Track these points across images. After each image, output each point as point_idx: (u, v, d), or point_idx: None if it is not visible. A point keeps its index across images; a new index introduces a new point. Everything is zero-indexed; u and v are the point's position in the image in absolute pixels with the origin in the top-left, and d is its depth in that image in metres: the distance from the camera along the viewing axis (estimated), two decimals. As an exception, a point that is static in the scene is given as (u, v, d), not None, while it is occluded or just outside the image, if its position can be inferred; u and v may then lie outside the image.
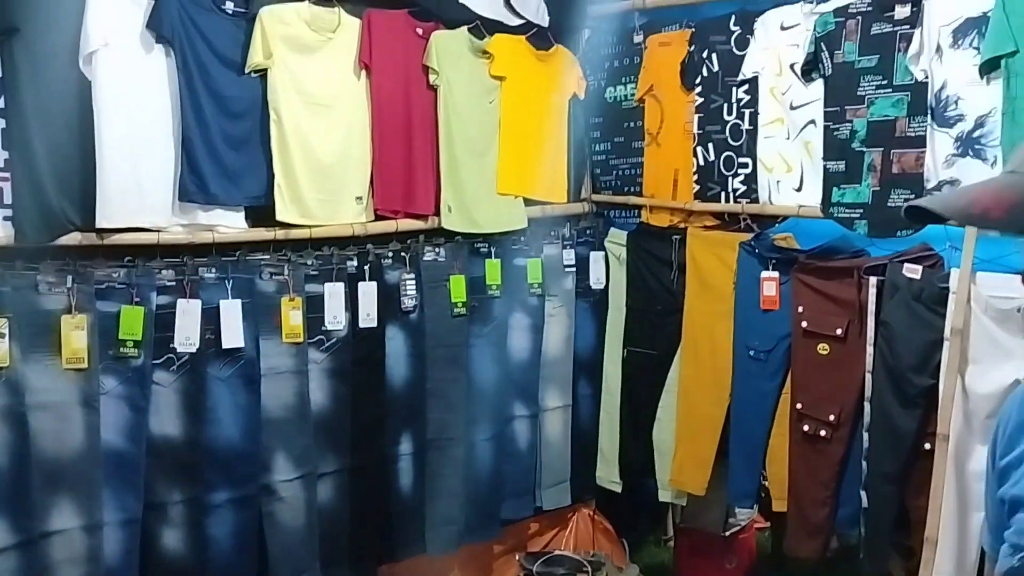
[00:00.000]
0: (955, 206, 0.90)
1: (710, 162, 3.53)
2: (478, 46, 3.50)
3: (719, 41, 3.44)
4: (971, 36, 2.76)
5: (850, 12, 3.02)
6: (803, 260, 3.18)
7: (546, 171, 3.81)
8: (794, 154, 3.27)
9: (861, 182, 3.04)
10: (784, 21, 3.24)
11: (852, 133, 3.05)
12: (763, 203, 3.37)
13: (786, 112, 3.27)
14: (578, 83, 3.84)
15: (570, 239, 3.90)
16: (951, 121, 2.83)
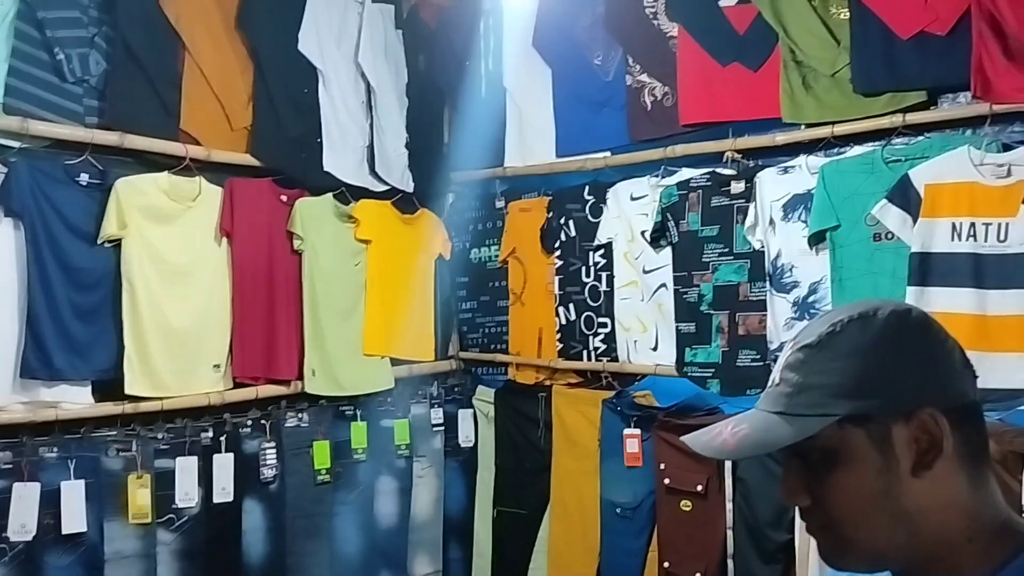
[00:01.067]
0: (703, 440, 1.00)
1: (572, 321, 3.64)
2: (343, 211, 3.55)
3: (575, 209, 3.63)
4: (799, 210, 3.02)
5: (691, 186, 3.27)
6: (662, 418, 3.27)
7: (413, 330, 3.83)
8: (649, 315, 3.43)
9: (711, 343, 3.21)
10: (633, 192, 3.46)
11: (700, 297, 3.24)
12: (622, 362, 3.49)
13: (640, 275, 3.45)
14: (444, 245, 3.94)
15: (438, 398, 3.89)
16: (787, 287, 3.05)
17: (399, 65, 3.82)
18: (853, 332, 0.92)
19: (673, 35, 3.30)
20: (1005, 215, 2.54)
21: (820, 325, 0.95)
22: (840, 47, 2.89)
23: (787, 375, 0.94)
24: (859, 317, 0.93)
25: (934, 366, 0.92)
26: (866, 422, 0.90)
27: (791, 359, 0.95)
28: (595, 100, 3.55)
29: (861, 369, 0.90)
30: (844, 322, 0.93)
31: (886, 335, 0.92)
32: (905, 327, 0.93)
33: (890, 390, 0.90)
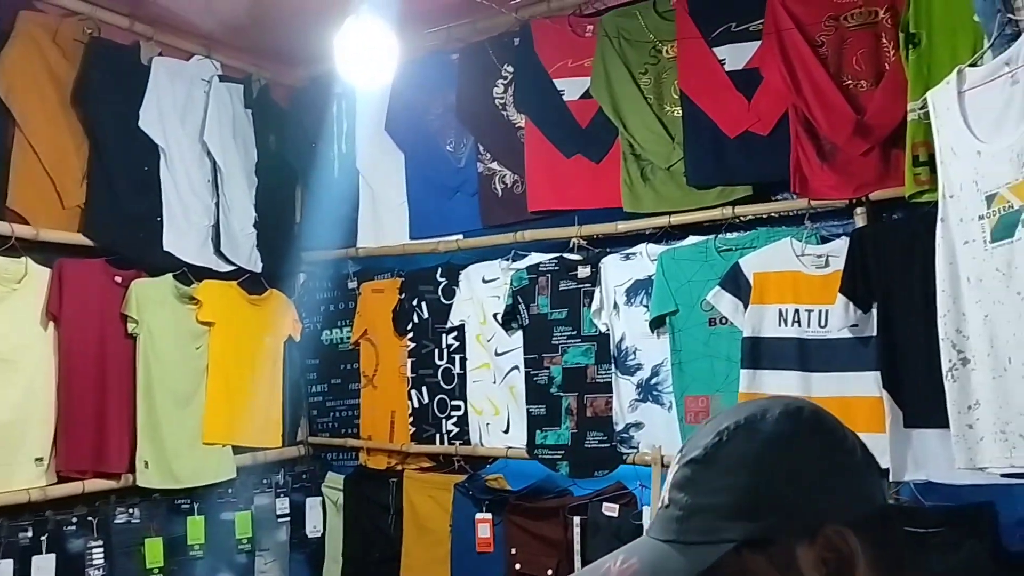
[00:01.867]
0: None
1: (424, 404, 3.61)
2: (184, 292, 3.41)
3: (428, 290, 3.63)
4: (641, 295, 3.14)
5: (541, 270, 3.35)
6: (513, 501, 3.27)
7: (259, 416, 3.68)
8: (501, 398, 3.44)
9: (560, 425, 3.24)
10: (485, 275, 3.51)
11: (550, 379, 3.28)
12: (475, 445, 3.48)
13: (492, 358, 3.47)
14: (293, 326, 3.84)
15: (284, 486, 3.73)
16: (632, 369, 3.14)
17: (248, 144, 3.77)
18: (740, 441, 0.82)
19: (521, 126, 3.41)
20: (825, 303, 2.73)
21: (706, 435, 0.85)
22: (675, 142, 3.07)
23: (676, 495, 0.84)
24: (745, 423, 0.83)
25: (834, 473, 0.82)
26: (766, 546, 0.79)
27: (678, 476, 0.84)
28: (448, 185, 3.60)
29: (753, 485, 0.80)
30: (730, 430, 0.83)
31: (776, 442, 0.82)
32: (797, 430, 0.83)
33: (787, 507, 0.79)
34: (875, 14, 2.74)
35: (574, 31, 3.32)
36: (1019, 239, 1.83)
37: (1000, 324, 1.90)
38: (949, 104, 2.04)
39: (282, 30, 3.58)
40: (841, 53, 2.78)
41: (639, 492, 3.07)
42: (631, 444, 3.12)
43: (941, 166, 2.08)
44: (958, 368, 2.03)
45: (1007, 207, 1.87)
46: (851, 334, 2.66)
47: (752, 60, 2.95)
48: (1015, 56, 1.86)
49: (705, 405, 2.97)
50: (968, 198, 1.98)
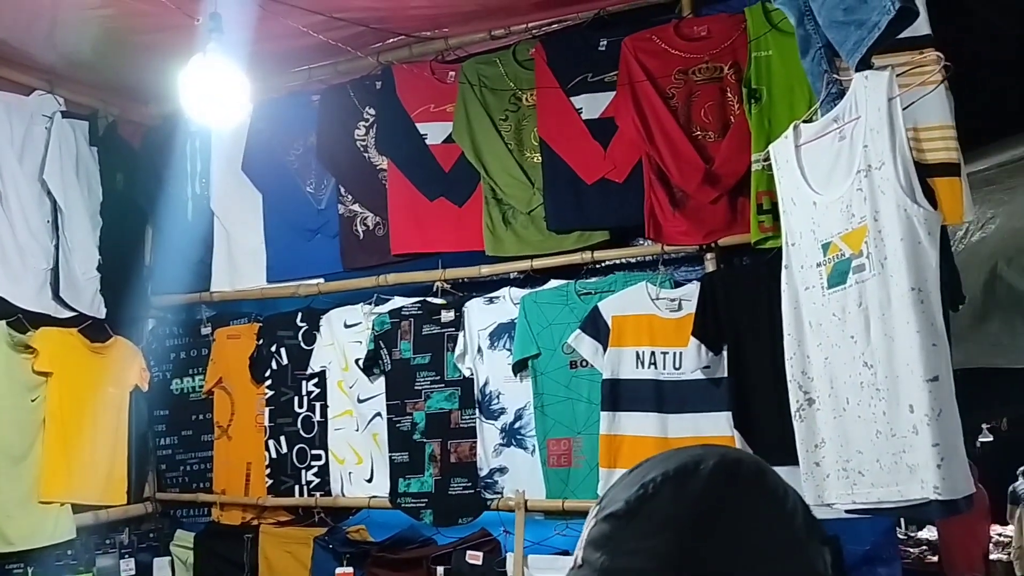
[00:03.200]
0: None
1: (283, 455, 3.47)
2: (19, 340, 3.17)
3: (287, 336, 3.52)
4: (504, 339, 3.14)
5: (403, 314, 3.30)
6: (375, 553, 3.17)
7: (101, 471, 3.44)
8: (364, 445, 3.35)
9: (424, 472, 3.18)
10: (347, 319, 3.43)
11: (413, 425, 3.23)
12: (336, 495, 3.37)
13: (354, 404, 3.38)
14: (140, 375, 3.63)
15: (129, 546, 3.50)
16: (496, 413, 3.13)
17: (93, 183, 3.58)
18: (668, 496, 0.71)
19: (383, 168, 3.39)
20: (679, 345, 2.81)
21: (628, 486, 0.73)
22: (535, 188, 3.11)
23: (590, 555, 0.73)
24: (675, 474, 0.71)
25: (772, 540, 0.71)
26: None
27: (594, 532, 0.73)
28: (308, 227, 3.52)
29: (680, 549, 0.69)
30: (657, 481, 0.71)
31: (710, 499, 0.70)
32: (733, 488, 0.72)
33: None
34: (720, 70, 2.88)
35: (436, 76, 3.34)
36: (851, 286, 1.94)
37: (838, 366, 2.00)
38: (788, 157, 2.16)
39: (130, 65, 3.43)
40: (690, 105, 2.91)
41: (503, 538, 3.04)
42: (495, 489, 3.10)
43: (783, 215, 2.20)
44: (805, 408, 2.12)
45: (840, 255, 1.98)
46: (703, 376, 2.75)
47: (607, 110, 3.04)
48: (842, 113, 1.99)
49: (567, 447, 2.99)
50: (807, 246, 2.09)
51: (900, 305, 1.87)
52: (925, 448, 1.83)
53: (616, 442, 2.85)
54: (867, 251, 1.92)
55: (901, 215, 1.87)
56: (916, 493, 1.83)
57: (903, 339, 1.87)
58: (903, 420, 1.88)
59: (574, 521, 2.95)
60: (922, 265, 1.87)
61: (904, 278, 1.86)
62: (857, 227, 1.93)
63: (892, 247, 1.88)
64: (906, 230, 1.87)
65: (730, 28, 2.87)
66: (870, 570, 2.58)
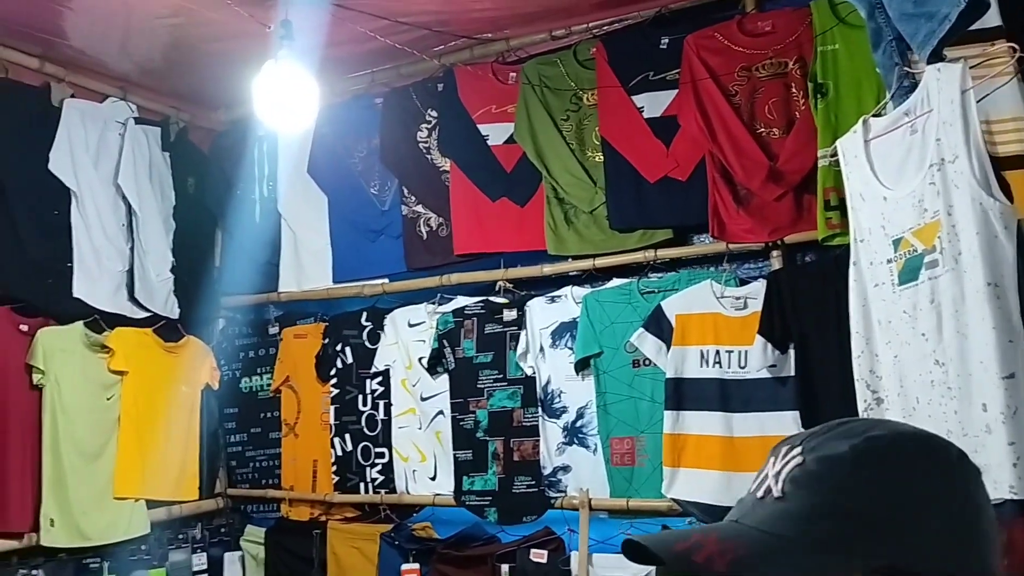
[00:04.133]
0: (675, 550, 0.72)
1: (348, 452, 3.53)
2: (95, 340, 3.28)
3: (352, 335, 3.58)
4: (566, 338, 3.15)
5: (467, 313, 3.33)
6: (441, 550, 3.20)
7: (173, 468, 3.55)
8: (427, 443, 3.39)
9: (487, 470, 3.21)
10: (411, 319, 3.48)
11: (476, 423, 3.25)
12: (400, 493, 3.41)
13: (418, 403, 3.42)
14: (211, 374, 3.73)
15: (202, 541, 3.59)
16: (558, 412, 3.14)
17: (165, 187, 3.68)
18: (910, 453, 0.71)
19: (446, 169, 3.42)
20: (744, 344, 2.78)
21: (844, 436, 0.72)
22: (597, 187, 3.12)
23: (794, 490, 0.71)
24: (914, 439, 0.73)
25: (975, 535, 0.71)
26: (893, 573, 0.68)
27: (805, 469, 0.72)
28: (372, 228, 3.57)
29: (905, 509, 0.68)
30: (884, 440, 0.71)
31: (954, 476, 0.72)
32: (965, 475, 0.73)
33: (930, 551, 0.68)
34: (785, 65, 2.85)
35: (497, 78, 3.36)
36: (923, 282, 1.91)
37: (908, 364, 1.96)
38: (856, 152, 2.12)
39: (200, 73, 3.53)
40: (754, 102, 2.88)
41: (567, 537, 3.05)
42: (559, 488, 3.11)
43: (852, 211, 2.16)
44: (873, 408, 2.08)
45: (911, 251, 1.94)
46: (770, 374, 2.72)
47: (669, 108, 3.03)
48: (913, 107, 1.95)
49: (630, 447, 2.98)
50: (877, 242, 2.05)
51: (975, 301, 1.83)
52: (999, 447, 1.78)
53: (680, 441, 2.83)
54: (940, 246, 1.88)
55: (976, 209, 1.83)
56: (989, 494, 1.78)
57: (978, 336, 1.83)
58: (975, 419, 1.83)
59: (639, 520, 2.94)
60: (998, 260, 1.82)
61: (980, 273, 1.81)
62: (930, 222, 1.89)
63: (967, 242, 1.84)
64: (982, 224, 1.82)
65: (795, 22, 2.84)
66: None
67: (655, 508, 2.90)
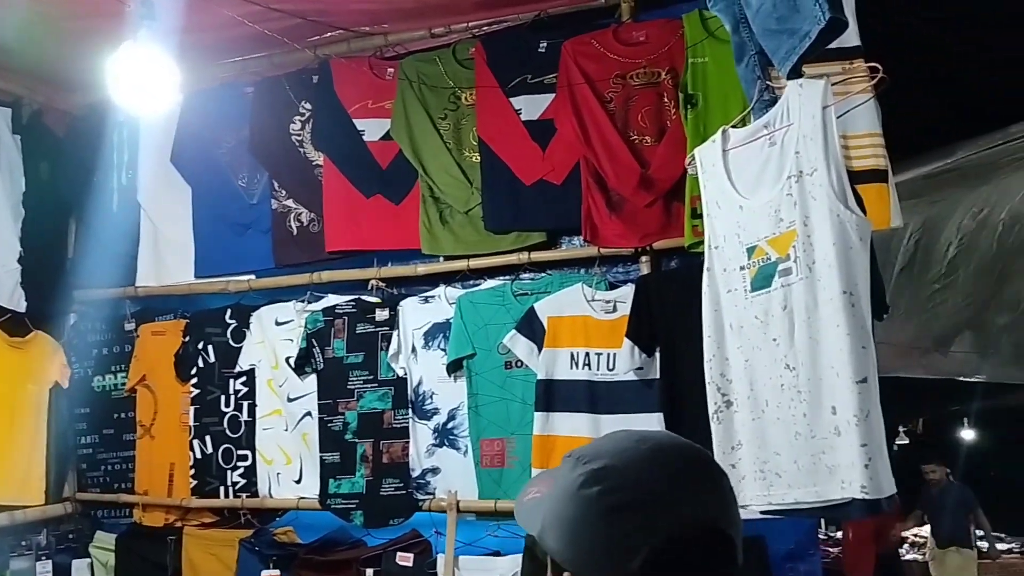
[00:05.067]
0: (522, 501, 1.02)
1: (208, 455, 3.38)
2: (-72, 334, 3.03)
3: (215, 333, 3.43)
4: (439, 339, 3.12)
5: (337, 312, 3.25)
6: (303, 555, 3.11)
7: (17, 471, 3.33)
8: (293, 446, 3.29)
9: (355, 473, 3.14)
10: (278, 317, 3.37)
11: (345, 425, 3.18)
12: (263, 497, 3.30)
13: (284, 404, 3.31)
14: (61, 371, 3.51)
15: (47, 548, 3.37)
16: (429, 413, 3.11)
17: (15, 172, 3.46)
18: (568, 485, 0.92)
19: (319, 164, 3.34)
20: (613, 346, 2.83)
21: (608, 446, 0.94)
22: (473, 187, 3.10)
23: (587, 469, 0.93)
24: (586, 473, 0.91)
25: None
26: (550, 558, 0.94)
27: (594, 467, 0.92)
28: (239, 222, 3.44)
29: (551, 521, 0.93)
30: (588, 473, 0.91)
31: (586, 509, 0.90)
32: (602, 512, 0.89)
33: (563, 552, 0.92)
34: (658, 75, 2.91)
35: (375, 73, 3.30)
36: (775, 289, 1.98)
37: (759, 368, 2.03)
38: (715, 161, 2.19)
39: (57, 51, 3.30)
40: (628, 109, 2.94)
41: (434, 539, 3.02)
42: (427, 490, 3.07)
43: (707, 218, 2.22)
44: (723, 410, 2.14)
45: (765, 259, 2.01)
46: (636, 377, 2.77)
47: (547, 111, 3.05)
48: (773, 120, 2.03)
49: (501, 448, 2.98)
50: (731, 249, 2.11)
51: (830, 308, 1.91)
52: (851, 449, 1.87)
53: (549, 443, 2.85)
54: (795, 255, 1.96)
55: (834, 220, 1.91)
56: (835, 493, 1.87)
57: (831, 342, 1.91)
58: (824, 422, 1.92)
59: (506, 522, 2.94)
60: (853, 269, 1.91)
61: (836, 281, 1.89)
62: (785, 231, 1.96)
63: (822, 251, 1.92)
64: (839, 235, 1.91)
65: (668, 34, 2.91)
66: (792, 567, 2.64)
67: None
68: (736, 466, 2.08)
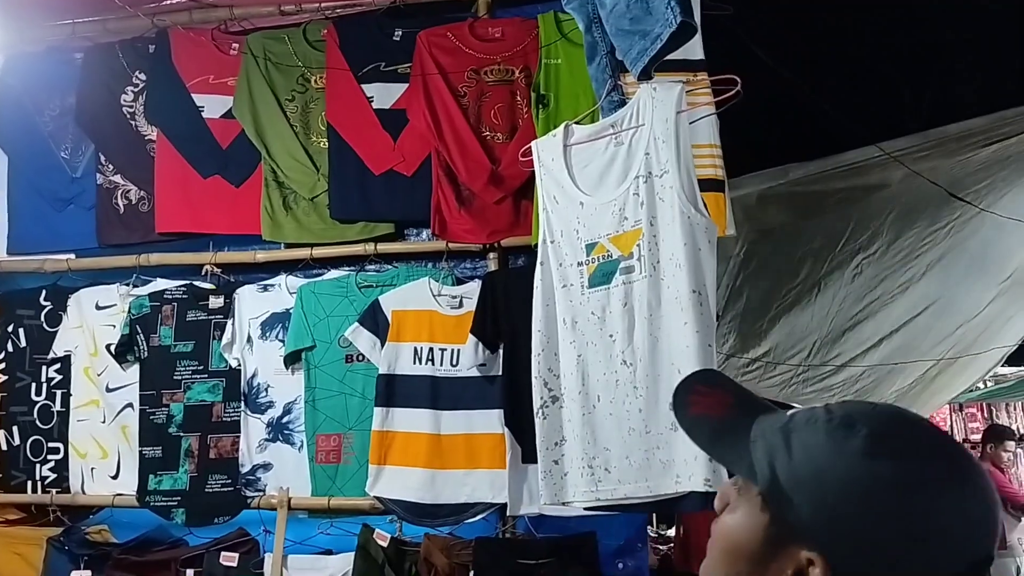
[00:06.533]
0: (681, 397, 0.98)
1: (15, 447, 3.11)
2: None
3: (28, 315, 3.16)
4: (277, 329, 2.99)
5: (166, 298, 3.06)
6: (117, 555, 2.90)
7: None
8: (111, 439, 3.07)
9: (179, 468, 2.96)
10: (100, 300, 3.13)
11: (169, 418, 3.00)
12: (75, 492, 3.06)
13: (102, 394, 3.09)
14: None
15: None
16: (263, 407, 2.97)
17: None
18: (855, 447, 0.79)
19: (152, 138, 3.13)
20: (458, 342, 2.81)
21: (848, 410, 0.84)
22: (320, 173, 3.00)
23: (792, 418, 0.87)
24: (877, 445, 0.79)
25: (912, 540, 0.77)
26: (776, 515, 0.83)
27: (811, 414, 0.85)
28: (59, 196, 3.19)
29: (815, 477, 0.80)
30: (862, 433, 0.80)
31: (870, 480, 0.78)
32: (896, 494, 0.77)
33: (814, 518, 0.80)
34: (511, 72, 2.92)
35: (217, 46, 3.14)
36: (616, 286, 2.02)
37: (592, 364, 2.06)
38: (555, 155, 2.20)
39: None
40: (480, 105, 2.93)
41: (263, 538, 2.89)
42: (257, 487, 2.94)
43: (543, 212, 2.23)
44: (548, 406, 2.16)
45: (606, 256, 2.05)
46: (479, 373, 2.76)
47: (399, 101, 3.00)
48: (621, 120, 2.06)
49: (337, 443, 2.89)
50: (568, 245, 2.13)
51: (676, 307, 1.96)
52: (692, 444, 1.92)
53: (388, 438, 2.79)
54: (639, 254, 2.00)
55: (684, 221, 1.96)
56: (669, 488, 1.92)
57: (675, 339, 1.96)
58: (660, 418, 1.97)
59: (339, 519, 2.86)
60: (703, 270, 1.97)
61: (685, 281, 1.95)
62: (630, 230, 2.00)
63: (670, 251, 1.97)
64: (689, 236, 1.96)
65: (523, 33, 2.92)
66: (621, 561, 2.71)
67: (357, 507, 2.83)
68: (559, 462, 2.09)
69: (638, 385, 1.97)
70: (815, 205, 3.71)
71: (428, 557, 2.69)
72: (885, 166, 3.37)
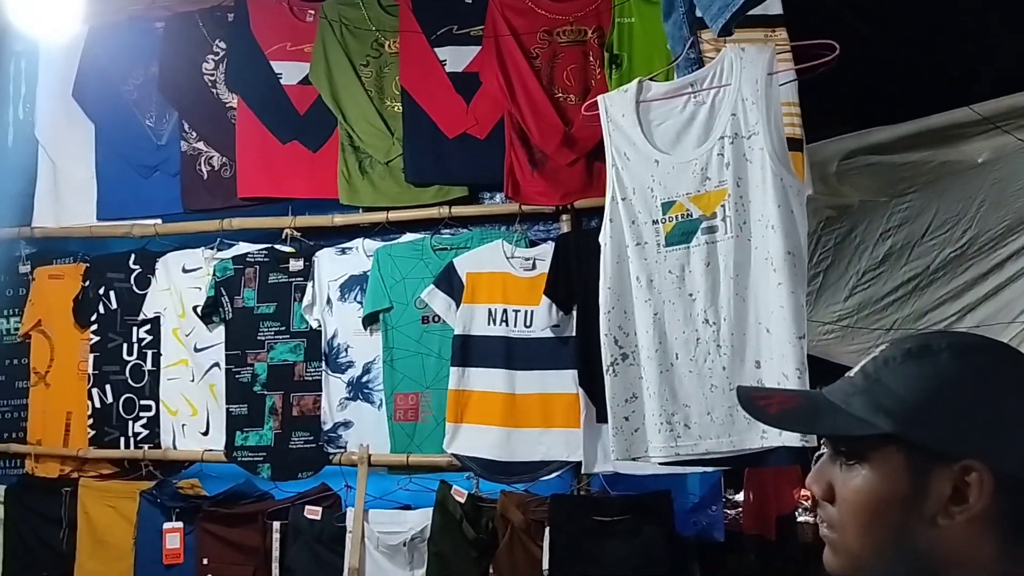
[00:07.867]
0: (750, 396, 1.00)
1: (108, 405, 3.25)
2: None
3: (118, 278, 3.28)
4: (355, 291, 3.06)
5: (248, 261, 3.15)
6: (207, 508, 3.04)
7: None
8: (199, 397, 3.19)
9: (264, 425, 3.07)
10: (186, 264, 3.24)
11: (254, 376, 3.10)
12: (166, 448, 3.20)
13: (191, 354, 3.21)
14: (-53, 314, 3.30)
15: (-71, 500, 3.19)
16: (343, 367, 3.06)
17: (-102, 101, 3.19)
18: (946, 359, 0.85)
19: (233, 106, 3.21)
20: (531, 303, 2.83)
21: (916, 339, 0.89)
22: (394, 138, 3.04)
23: (862, 371, 0.90)
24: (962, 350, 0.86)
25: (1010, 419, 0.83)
26: (911, 449, 0.84)
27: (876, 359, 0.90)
28: (145, 163, 3.29)
29: (932, 396, 0.84)
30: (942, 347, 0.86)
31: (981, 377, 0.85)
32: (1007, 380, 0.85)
33: (953, 430, 0.83)
34: (584, 33, 2.90)
35: (294, 14, 3.18)
36: (697, 245, 2.01)
37: (671, 323, 2.06)
38: (626, 111, 2.17)
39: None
40: (553, 66, 2.92)
41: (344, 493, 2.99)
42: (339, 444, 3.03)
43: (612, 169, 2.20)
44: (619, 363, 2.16)
45: (686, 215, 2.04)
46: (553, 334, 2.79)
47: (472, 64, 3.01)
48: (701, 79, 2.04)
49: (415, 402, 2.96)
50: (641, 202, 2.11)
51: (767, 268, 1.96)
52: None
53: (464, 397, 2.85)
54: (724, 214, 1.99)
55: (777, 183, 1.95)
56: (754, 443, 1.93)
57: (768, 300, 1.96)
58: (746, 375, 1.97)
59: (418, 476, 2.94)
60: (797, 232, 1.96)
61: (779, 242, 1.95)
62: (714, 190, 1.99)
63: (759, 212, 1.95)
64: (783, 198, 1.96)
65: (595, -8, 2.90)
66: (696, 518, 2.73)
67: (435, 463, 2.90)
68: (630, 418, 2.10)
69: (722, 344, 1.97)
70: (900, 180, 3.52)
71: (504, 513, 2.75)
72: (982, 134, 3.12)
